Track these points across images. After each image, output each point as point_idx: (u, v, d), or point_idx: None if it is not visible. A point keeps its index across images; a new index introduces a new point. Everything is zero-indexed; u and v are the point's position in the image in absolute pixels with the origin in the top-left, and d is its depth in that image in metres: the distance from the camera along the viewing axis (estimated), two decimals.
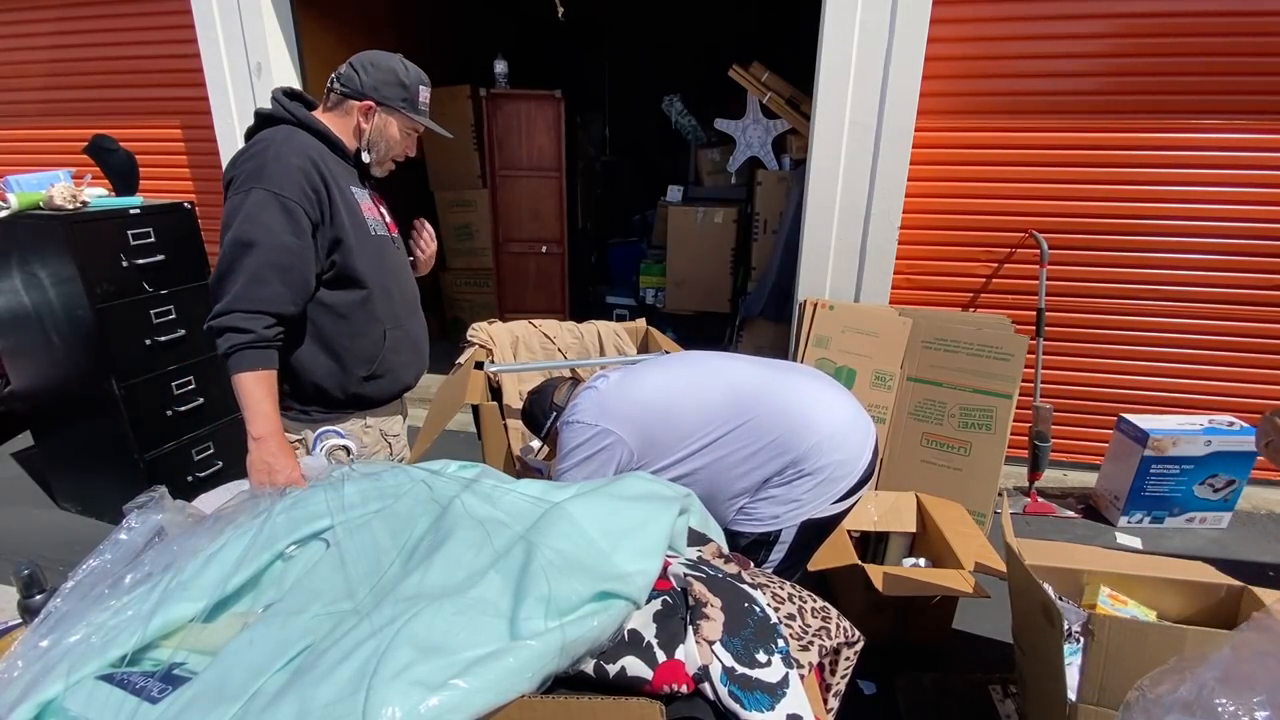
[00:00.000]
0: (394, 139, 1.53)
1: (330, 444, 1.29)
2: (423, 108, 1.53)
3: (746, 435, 1.47)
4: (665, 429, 1.50)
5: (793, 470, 1.47)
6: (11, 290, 2.44)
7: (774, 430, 1.47)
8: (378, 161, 1.56)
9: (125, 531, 0.97)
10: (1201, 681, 0.84)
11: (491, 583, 0.78)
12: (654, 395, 1.55)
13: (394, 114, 1.50)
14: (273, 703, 0.66)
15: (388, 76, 1.47)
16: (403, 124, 1.52)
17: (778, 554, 1.52)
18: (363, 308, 1.51)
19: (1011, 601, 1.62)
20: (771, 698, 0.76)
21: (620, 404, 1.54)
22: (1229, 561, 1.76)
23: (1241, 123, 2.60)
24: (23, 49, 3.57)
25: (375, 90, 1.47)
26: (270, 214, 1.33)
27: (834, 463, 1.47)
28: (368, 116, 1.49)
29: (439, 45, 4.75)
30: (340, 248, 1.45)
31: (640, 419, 1.51)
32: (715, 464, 1.49)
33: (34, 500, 2.91)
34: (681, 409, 1.52)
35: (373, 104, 1.48)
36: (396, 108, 1.49)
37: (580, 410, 1.55)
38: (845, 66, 2.64)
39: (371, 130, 1.51)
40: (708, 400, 1.52)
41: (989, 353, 2.56)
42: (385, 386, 1.61)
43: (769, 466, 1.47)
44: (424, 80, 1.52)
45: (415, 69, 1.52)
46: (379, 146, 1.53)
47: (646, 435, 1.50)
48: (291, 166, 1.36)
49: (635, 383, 1.58)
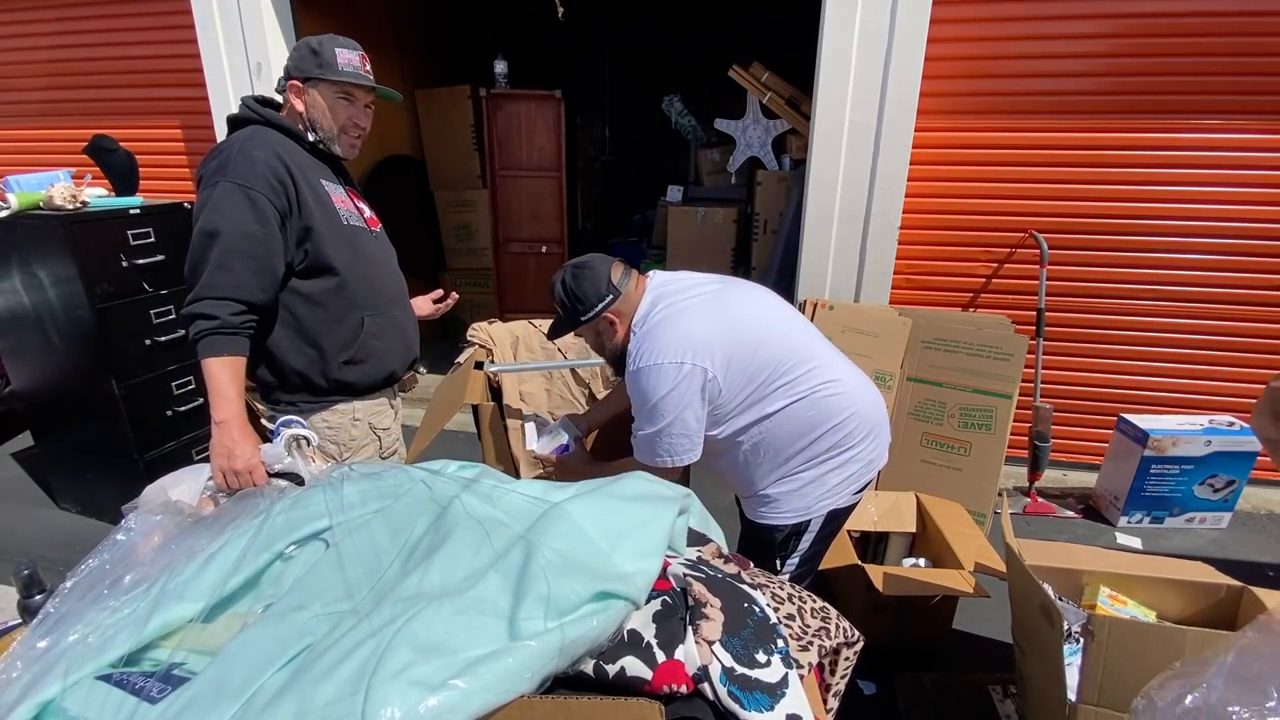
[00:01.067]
0: (324, 108, 1.53)
1: (290, 433, 1.31)
2: (345, 68, 1.51)
3: (814, 377, 1.42)
4: (752, 362, 1.39)
5: (830, 452, 1.46)
6: (11, 290, 2.44)
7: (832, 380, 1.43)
8: (328, 139, 1.56)
9: (124, 532, 0.97)
10: (1210, 686, 0.84)
11: (491, 583, 0.78)
12: (743, 325, 1.40)
13: (316, 84, 1.51)
14: (272, 703, 0.66)
15: (302, 51, 1.50)
16: (328, 91, 1.52)
17: (806, 541, 1.53)
18: (338, 295, 1.54)
19: (1011, 601, 1.62)
20: (771, 698, 0.76)
21: (708, 334, 1.36)
22: (1229, 561, 1.76)
23: (1241, 123, 2.60)
24: (23, 49, 3.58)
25: (295, 69, 1.50)
26: (234, 205, 1.37)
27: (865, 460, 1.50)
28: (300, 96, 1.52)
29: (439, 45, 4.75)
30: (311, 236, 1.48)
31: (730, 351, 1.37)
32: (778, 414, 1.41)
33: (34, 500, 2.91)
34: (770, 339, 1.40)
35: (296, 82, 1.50)
36: (315, 76, 1.49)
37: (661, 348, 1.36)
38: (845, 66, 2.64)
39: (306, 108, 1.52)
40: (789, 335, 1.44)
41: (989, 353, 2.55)
42: (369, 372, 1.63)
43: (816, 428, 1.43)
44: (342, 44, 1.52)
45: (333, 38, 1.52)
46: (319, 123, 1.54)
47: (735, 368, 1.38)
48: (255, 160, 1.40)
49: (719, 311, 1.41)
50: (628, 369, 1.44)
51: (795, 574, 1.57)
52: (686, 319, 1.38)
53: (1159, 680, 0.91)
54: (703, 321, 1.38)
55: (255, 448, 1.35)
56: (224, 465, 1.34)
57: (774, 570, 1.55)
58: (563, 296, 1.49)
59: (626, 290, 1.46)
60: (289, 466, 1.29)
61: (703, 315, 1.39)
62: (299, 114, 1.53)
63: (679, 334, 1.36)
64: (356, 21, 3.79)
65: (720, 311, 1.41)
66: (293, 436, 1.30)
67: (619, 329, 1.48)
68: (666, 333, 1.37)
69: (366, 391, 1.66)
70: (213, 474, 1.33)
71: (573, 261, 1.50)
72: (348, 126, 1.57)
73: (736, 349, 1.37)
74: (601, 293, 1.44)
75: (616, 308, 1.46)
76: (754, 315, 1.44)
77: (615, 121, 6.37)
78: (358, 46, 1.55)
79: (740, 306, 1.45)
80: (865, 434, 1.49)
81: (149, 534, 0.98)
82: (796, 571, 1.57)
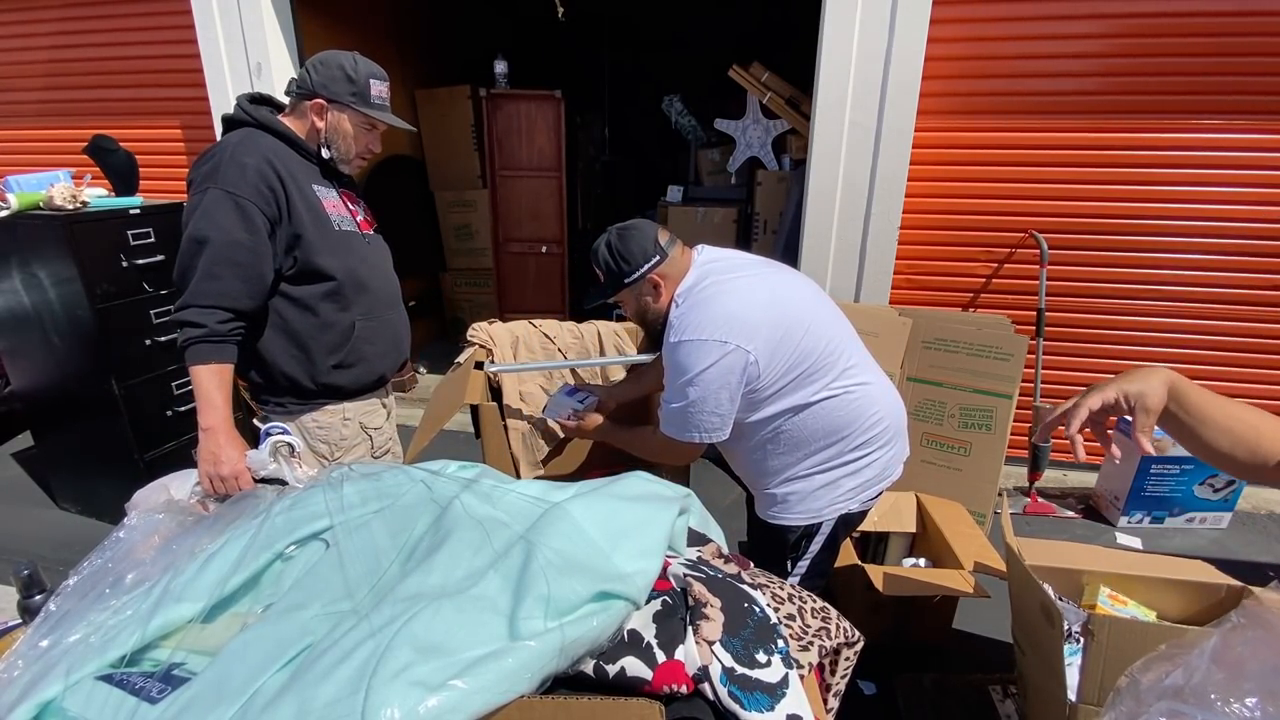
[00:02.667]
0: (348, 134, 1.54)
1: (274, 439, 1.34)
2: (377, 101, 1.53)
3: (850, 376, 1.41)
4: (794, 350, 1.37)
5: (849, 455, 1.46)
6: (11, 290, 2.44)
7: (865, 383, 1.43)
8: (341, 159, 1.57)
9: (125, 531, 0.97)
10: (1192, 668, 0.85)
11: (491, 583, 0.78)
12: (790, 311, 1.37)
13: (344, 110, 1.51)
14: (272, 703, 0.66)
15: (335, 73, 1.49)
16: (355, 119, 1.53)
17: (816, 544, 1.53)
18: (329, 300, 1.54)
19: (1011, 601, 1.62)
20: (771, 698, 0.76)
21: (754, 316, 1.34)
22: (1229, 561, 1.75)
23: (1241, 123, 2.60)
24: (23, 49, 3.58)
25: (324, 88, 1.49)
26: (224, 212, 1.38)
27: (880, 466, 1.50)
28: (320, 114, 1.52)
29: (439, 45, 4.75)
30: (300, 243, 1.48)
31: (774, 335, 1.34)
32: (815, 408, 1.39)
33: (34, 500, 2.91)
34: (815, 329, 1.38)
35: (323, 101, 1.50)
36: (346, 103, 1.50)
37: (705, 324, 1.33)
38: (845, 66, 2.64)
39: (327, 127, 1.52)
40: (831, 327, 1.42)
41: (989, 353, 2.55)
42: (358, 375, 1.64)
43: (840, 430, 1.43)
44: (376, 74, 1.53)
45: (367, 64, 1.52)
46: (336, 143, 1.55)
47: (777, 353, 1.36)
48: (246, 166, 1.40)
49: (767, 293, 1.39)
50: (667, 340, 1.40)
51: (804, 578, 1.56)
52: (735, 298, 1.35)
53: (1143, 661, 0.92)
54: (750, 303, 1.35)
55: (241, 453, 1.38)
56: (210, 470, 1.37)
57: (783, 573, 1.55)
58: (607, 257, 1.44)
59: (673, 255, 1.43)
60: (273, 473, 1.31)
61: (750, 296, 1.37)
62: (316, 130, 1.53)
63: (726, 312, 1.34)
64: (356, 21, 3.80)
65: (768, 294, 1.38)
66: (276, 443, 1.33)
67: (663, 293, 1.44)
68: (713, 309, 1.34)
69: (355, 394, 1.66)
70: (200, 479, 1.35)
71: (617, 225, 1.47)
72: (364, 152, 1.59)
73: (781, 334, 1.35)
74: (649, 253, 1.40)
75: (663, 270, 1.42)
76: (801, 302, 1.42)
77: (615, 121, 6.37)
78: (386, 76, 1.56)
79: (788, 290, 1.42)
80: (886, 441, 1.48)
81: (150, 533, 0.98)
82: (806, 576, 1.56)
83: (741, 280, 1.40)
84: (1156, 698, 0.85)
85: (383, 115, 1.54)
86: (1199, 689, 0.82)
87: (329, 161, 1.56)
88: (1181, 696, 0.83)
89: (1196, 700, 0.82)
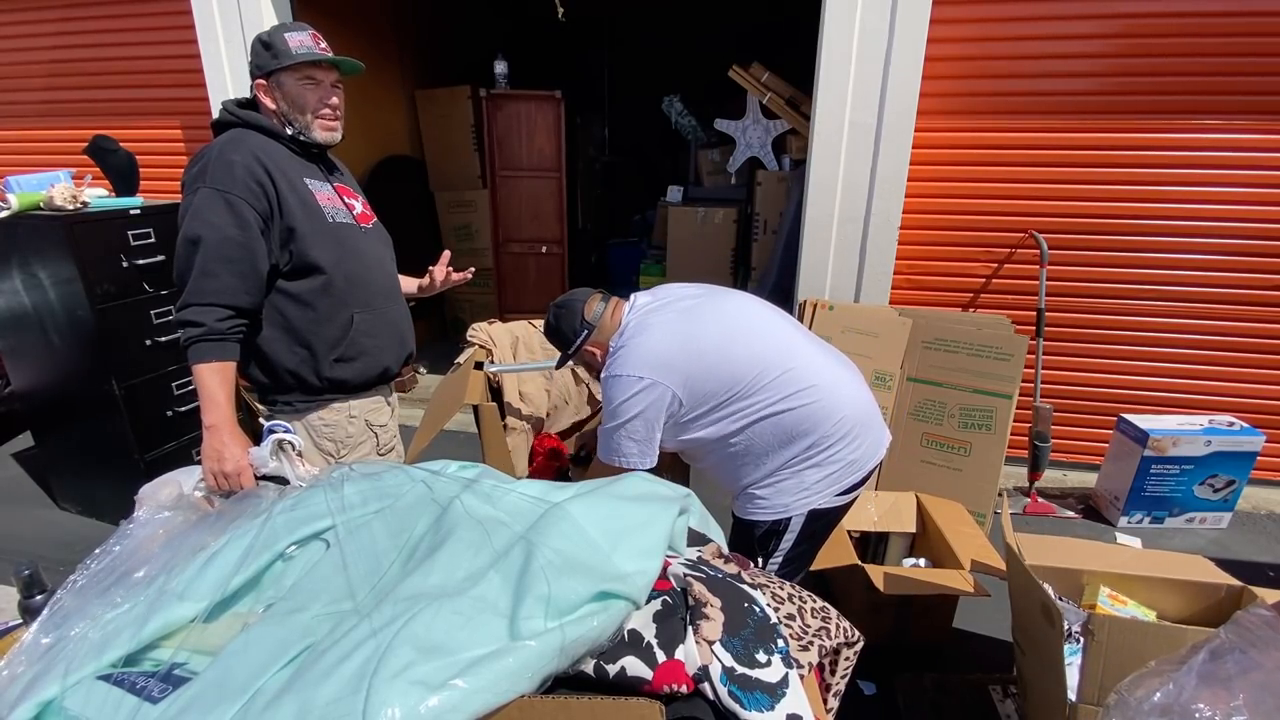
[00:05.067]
0: (292, 98, 1.51)
1: (275, 438, 1.37)
2: (299, 50, 1.48)
3: (785, 387, 1.45)
4: (712, 378, 1.46)
5: (809, 453, 1.48)
6: (11, 291, 2.44)
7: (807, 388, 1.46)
8: (304, 128, 1.54)
9: (131, 528, 0.97)
10: (1181, 685, 0.85)
11: (491, 583, 0.78)
12: (705, 341, 1.47)
13: (278, 76, 1.49)
14: (273, 703, 0.66)
15: (257, 48, 1.50)
16: (290, 80, 1.50)
17: (788, 541, 1.55)
18: (326, 293, 1.54)
19: (1011, 601, 1.62)
20: (771, 698, 0.76)
21: (669, 351, 1.46)
22: (1229, 561, 1.76)
23: (1241, 123, 2.60)
24: (23, 49, 3.57)
25: (256, 69, 1.50)
26: (215, 210, 1.39)
27: (846, 461, 1.50)
28: (267, 94, 1.51)
29: (439, 45, 4.75)
30: (294, 237, 1.48)
31: (689, 367, 1.45)
32: (751, 428, 1.47)
33: (34, 500, 2.91)
34: (735, 353, 1.47)
35: (261, 81, 1.50)
36: (273, 68, 1.48)
37: (626, 362, 1.47)
38: (845, 66, 2.64)
39: (277, 103, 1.52)
40: (756, 348, 1.48)
41: (989, 353, 2.55)
42: (362, 369, 1.64)
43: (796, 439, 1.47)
44: (291, 28, 1.50)
45: (281, 24, 1.51)
46: (293, 115, 1.52)
47: (695, 383, 1.46)
48: (234, 164, 1.41)
49: (684, 326, 1.50)
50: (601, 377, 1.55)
51: (779, 574, 1.57)
52: (652, 336, 1.48)
53: (1132, 678, 0.93)
54: (665, 340, 1.47)
55: (244, 451, 1.40)
56: (214, 468, 1.39)
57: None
58: (551, 334, 1.66)
59: (602, 322, 1.58)
60: (275, 470, 1.33)
61: (666, 333, 1.48)
62: (274, 111, 1.52)
63: (642, 351, 1.47)
64: (356, 21, 3.80)
65: (686, 327, 1.49)
66: (278, 441, 1.34)
67: (599, 356, 1.60)
68: (631, 350, 1.48)
69: (361, 388, 1.66)
70: (204, 476, 1.37)
71: (555, 301, 1.65)
72: (320, 109, 1.54)
73: (695, 365, 1.45)
74: (577, 329, 1.59)
75: (593, 340, 1.59)
76: (721, 331, 1.50)
77: (615, 121, 6.37)
78: (307, 27, 1.52)
79: (709, 323, 1.51)
80: (846, 433, 1.49)
81: (154, 530, 0.98)
82: (780, 571, 1.57)
83: (663, 317, 1.52)
84: (1145, 716, 0.86)
85: (308, 57, 1.48)
86: (1186, 707, 0.83)
87: (300, 136, 1.54)
88: (1169, 714, 0.84)
89: (1184, 717, 0.82)
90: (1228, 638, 0.87)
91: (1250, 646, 0.85)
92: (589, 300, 1.60)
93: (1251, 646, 0.85)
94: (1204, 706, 0.82)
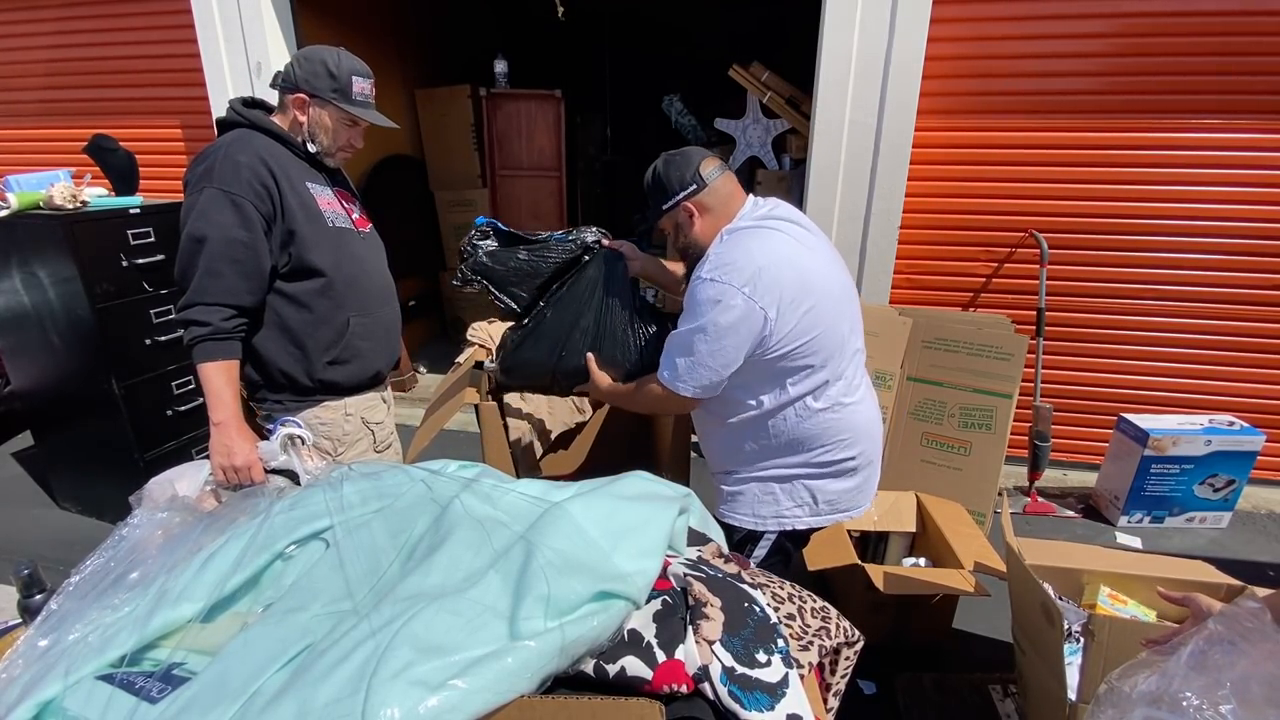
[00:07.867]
0: (329, 129, 1.55)
1: (285, 431, 1.41)
2: (359, 98, 1.53)
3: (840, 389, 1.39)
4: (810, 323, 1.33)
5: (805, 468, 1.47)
6: (11, 290, 2.44)
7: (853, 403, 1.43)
8: (325, 153, 1.58)
9: (128, 529, 0.97)
10: (1170, 674, 0.86)
11: (491, 583, 0.78)
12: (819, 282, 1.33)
13: (326, 105, 1.52)
14: (272, 703, 0.66)
15: (318, 69, 1.49)
16: (336, 115, 1.54)
17: (762, 550, 1.56)
18: (323, 296, 1.55)
19: (1011, 601, 1.62)
20: (771, 698, 0.76)
21: (776, 279, 1.28)
22: (1229, 561, 1.76)
23: (1241, 123, 2.60)
24: (23, 49, 3.57)
25: (306, 83, 1.50)
26: (220, 210, 1.40)
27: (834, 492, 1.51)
28: (303, 109, 1.52)
29: (439, 45, 4.75)
30: (295, 239, 1.50)
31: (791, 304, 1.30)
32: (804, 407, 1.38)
33: (34, 500, 2.91)
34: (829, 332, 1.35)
35: (304, 96, 1.51)
36: (328, 99, 1.50)
37: (733, 270, 1.28)
38: (845, 66, 2.64)
39: (309, 122, 1.53)
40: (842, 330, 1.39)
41: (989, 352, 2.55)
42: (354, 372, 1.65)
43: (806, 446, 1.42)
44: (359, 71, 1.53)
45: (350, 60, 1.52)
46: (319, 138, 1.56)
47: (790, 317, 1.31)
48: (240, 165, 1.42)
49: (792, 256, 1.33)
50: (695, 273, 1.36)
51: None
52: (773, 252, 1.30)
53: (1123, 668, 0.93)
54: (784, 262, 1.30)
55: (253, 445, 1.43)
56: (224, 463, 1.41)
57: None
58: (650, 182, 1.43)
59: (715, 186, 1.37)
60: (284, 464, 1.36)
61: (790, 256, 1.31)
62: (299, 124, 1.54)
63: (756, 264, 1.28)
64: (356, 21, 3.79)
65: (807, 262, 1.33)
66: (288, 435, 1.38)
67: (696, 223, 1.40)
68: (747, 255, 1.29)
69: (352, 390, 1.68)
70: (213, 471, 1.40)
71: (669, 150, 1.44)
72: (345, 147, 1.61)
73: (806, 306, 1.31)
74: (686, 181, 1.36)
75: (700, 200, 1.38)
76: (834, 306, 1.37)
77: (615, 121, 6.37)
78: (370, 74, 1.56)
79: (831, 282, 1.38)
80: (854, 469, 1.49)
81: (153, 530, 0.98)
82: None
83: (782, 237, 1.34)
84: (1134, 704, 0.86)
85: (365, 113, 1.54)
86: (1175, 695, 0.83)
87: (315, 155, 1.58)
88: (1158, 703, 0.84)
89: (1171, 707, 0.83)
90: (1217, 629, 0.87)
91: (1239, 638, 0.85)
92: (708, 157, 1.39)
93: (1240, 638, 0.85)
94: (1192, 695, 0.82)
